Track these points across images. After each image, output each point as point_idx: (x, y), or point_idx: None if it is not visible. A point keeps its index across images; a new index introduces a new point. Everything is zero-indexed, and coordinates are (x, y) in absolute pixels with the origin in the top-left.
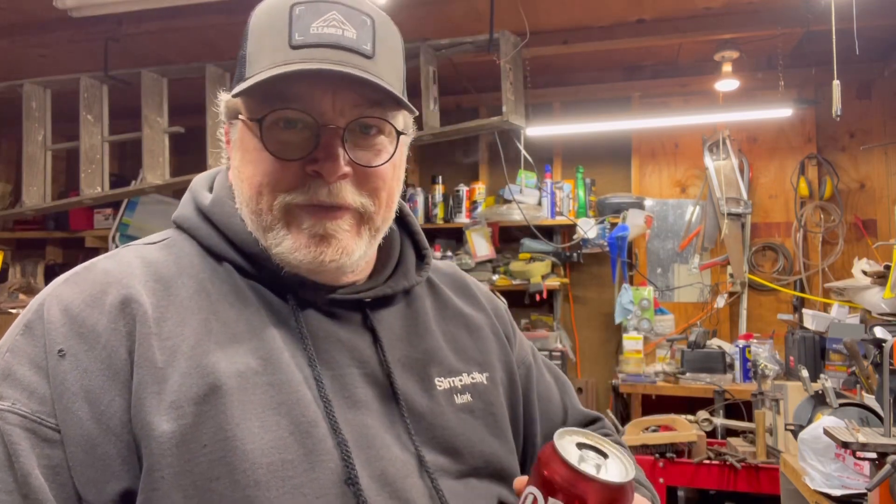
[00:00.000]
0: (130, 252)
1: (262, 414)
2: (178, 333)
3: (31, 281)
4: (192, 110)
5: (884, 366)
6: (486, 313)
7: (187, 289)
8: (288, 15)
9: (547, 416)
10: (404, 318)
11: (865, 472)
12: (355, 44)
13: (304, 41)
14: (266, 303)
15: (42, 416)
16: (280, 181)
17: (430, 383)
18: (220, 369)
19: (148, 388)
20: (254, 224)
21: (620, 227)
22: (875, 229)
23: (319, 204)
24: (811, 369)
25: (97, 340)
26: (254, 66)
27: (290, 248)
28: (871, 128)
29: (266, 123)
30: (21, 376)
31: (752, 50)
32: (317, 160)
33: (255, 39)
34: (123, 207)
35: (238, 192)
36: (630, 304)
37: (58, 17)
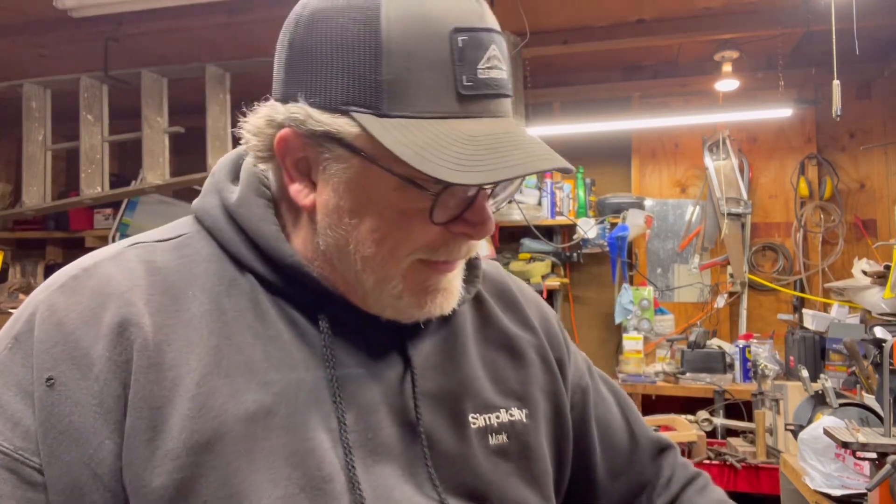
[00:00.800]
0: (137, 254)
1: (272, 465)
2: (182, 362)
3: (31, 281)
4: (192, 110)
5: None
6: (533, 332)
7: (199, 305)
8: (449, 45)
9: (609, 444)
10: (442, 341)
11: (865, 472)
12: (509, 87)
13: (473, 90)
14: (290, 323)
15: (25, 455)
16: (420, 241)
17: (462, 420)
18: (227, 411)
19: (141, 434)
20: (361, 275)
21: (620, 227)
22: (875, 229)
23: (453, 261)
24: (811, 369)
25: (90, 369)
26: (403, 102)
27: (407, 305)
28: (871, 128)
29: (443, 195)
30: (6, 403)
31: (752, 50)
32: (468, 222)
33: (401, 64)
34: (123, 207)
35: (334, 235)
36: (630, 304)
37: (58, 17)
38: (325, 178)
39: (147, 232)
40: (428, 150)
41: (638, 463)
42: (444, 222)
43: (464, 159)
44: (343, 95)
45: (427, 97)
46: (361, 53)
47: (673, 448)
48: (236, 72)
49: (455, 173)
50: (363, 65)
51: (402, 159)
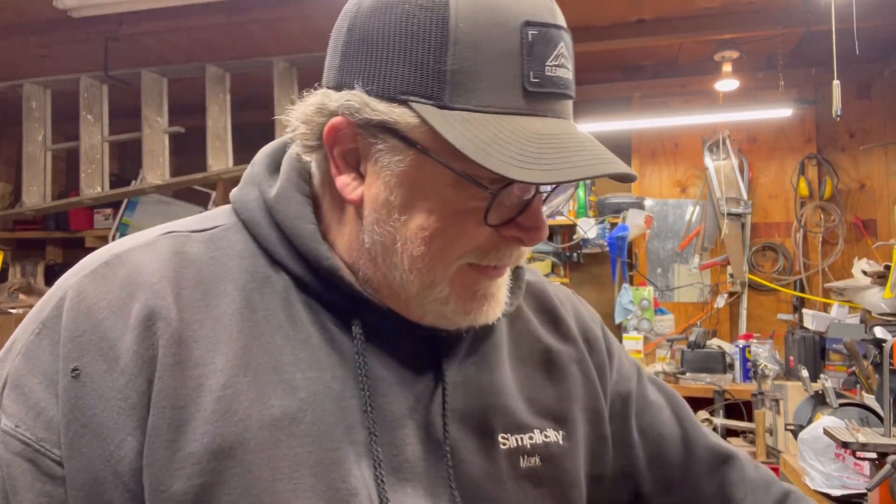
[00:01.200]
0: (171, 244)
1: (295, 474)
2: (208, 361)
3: (31, 281)
4: (192, 110)
5: (884, 366)
6: (574, 344)
7: (230, 302)
8: (519, 38)
9: (658, 455)
10: (476, 355)
11: (865, 472)
12: (572, 88)
13: (540, 87)
14: (321, 327)
15: (46, 447)
16: (471, 243)
17: (492, 440)
18: (251, 416)
19: (162, 434)
20: (407, 277)
21: (620, 227)
22: (875, 229)
23: (503, 266)
24: (811, 369)
25: (116, 362)
26: (466, 94)
27: (453, 311)
28: (871, 128)
29: (501, 195)
30: (30, 391)
31: (752, 50)
32: (521, 227)
33: (468, 55)
34: (123, 207)
35: (381, 232)
36: (630, 304)
37: (58, 17)
38: (375, 170)
39: (182, 220)
40: (491, 145)
41: (693, 475)
42: (497, 224)
43: (528, 157)
44: (403, 84)
45: (491, 91)
46: (426, 41)
47: (735, 458)
48: (236, 72)
49: (518, 170)
50: (427, 53)
51: (463, 153)
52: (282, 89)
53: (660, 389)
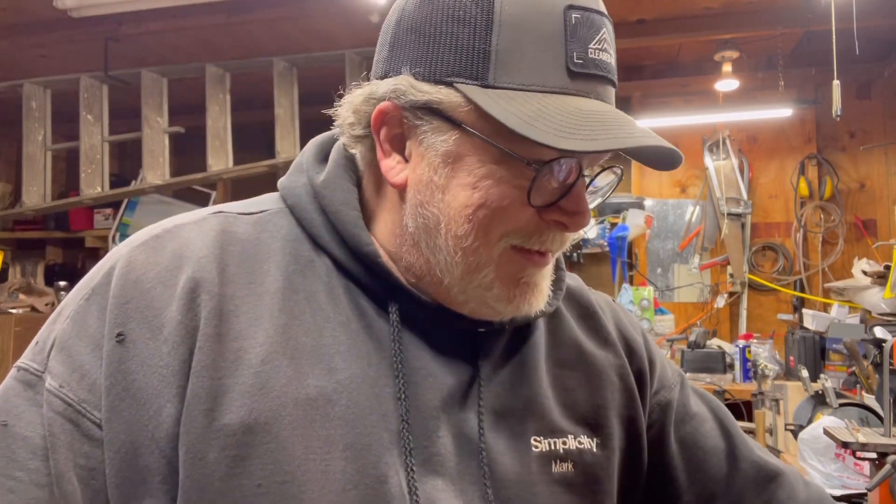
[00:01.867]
0: (219, 223)
1: (328, 454)
2: (248, 335)
3: (31, 281)
4: (192, 110)
5: (884, 366)
6: (613, 350)
7: (272, 281)
8: (562, 20)
9: (699, 467)
10: (512, 354)
11: (865, 472)
12: (614, 73)
13: (583, 67)
14: (360, 312)
15: (87, 408)
16: (513, 224)
17: (524, 443)
18: (287, 393)
19: (201, 403)
20: (451, 259)
21: (620, 227)
22: (875, 229)
23: (546, 252)
24: (811, 369)
25: (160, 330)
26: (509, 72)
27: (497, 297)
28: (871, 128)
29: (543, 172)
30: (76, 353)
31: (752, 50)
32: (564, 210)
33: (511, 36)
34: (123, 207)
35: (425, 213)
36: (630, 304)
37: (58, 17)
38: (420, 151)
39: (230, 203)
40: (535, 119)
41: (736, 490)
42: (540, 206)
43: (571, 128)
44: (448, 66)
45: (535, 70)
46: (472, 25)
47: (784, 476)
48: (236, 72)
49: (563, 140)
50: (472, 36)
51: (506, 132)
52: (282, 89)
53: (704, 401)
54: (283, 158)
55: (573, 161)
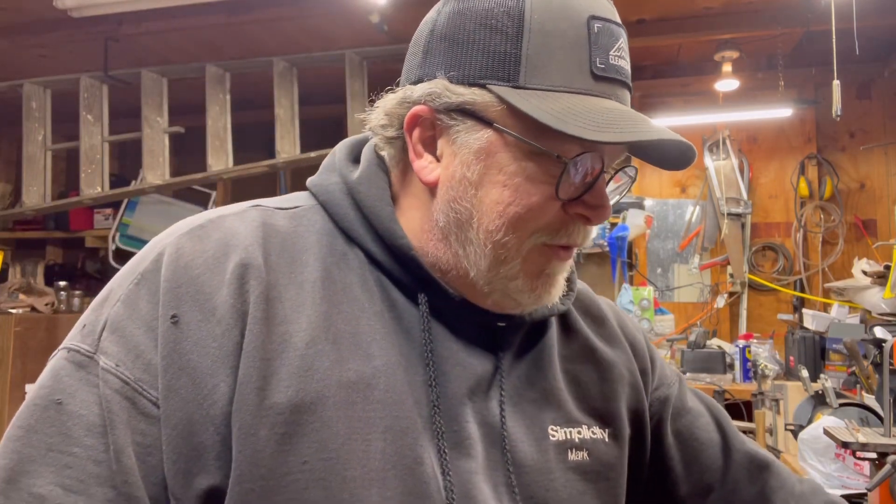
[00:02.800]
0: (259, 215)
1: (368, 436)
2: (293, 320)
3: (31, 281)
4: (192, 110)
5: (884, 366)
6: (621, 348)
7: (311, 271)
8: (586, 28)
9: (695, 458)
10: (529, 348)
11: (865, 472)
12: (630, 80)
13: (605, 72)
14: (391, 304)
15: (144, 387)
16: (541, 219)
17: (542, 431)
18: (330, 376)
19: (252, 382)
20: (481, 251)
21: (620, 227)
22: (875, 229)
23: (571, 246)
24: (811, 369)
25: (213, 313)
26: (538, 75)
27: (520, 288)
28: (871, 128)
29: (573, 164)
30: (131, 334)
31: (752, 50)
32: (587, 204)
33: (539, 41)
34: (123, 207)
35: (458, 209)
36: (630, 304)
37: (58, 17)
38: (453, 150)
39: (265, 199)
40: (565, 114)
41: (732, 480)
42: (566, 199)
43: (599, 123)
44: (482, 70)
45: (563, 73)
46: (504, 32)
47: (775, 465)
48: (236, 72)
49: (593, 132)
50: (504, 42)
51: (536, 128)
52: (282, 89)
53: (699, 398)
54: (283, 158)
55: (597, 156)
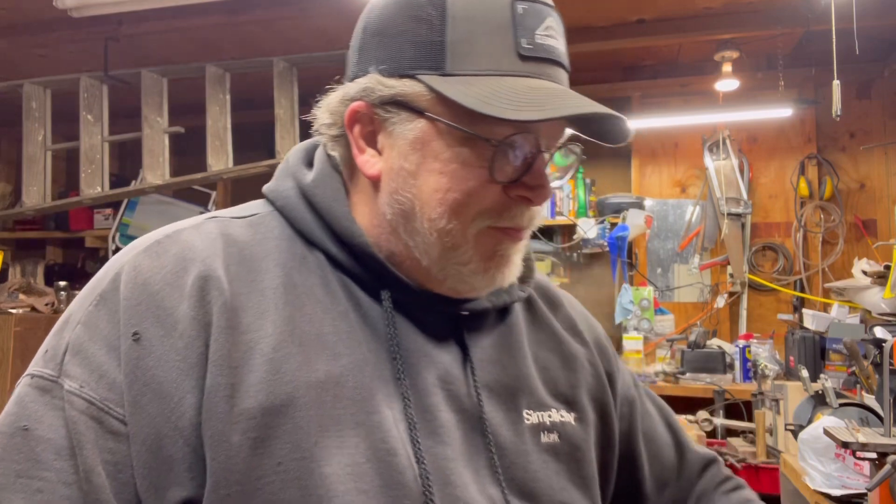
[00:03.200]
0: (216, 226)
1: (341, 433)
2: (257, 327)
3: (31, 281)
4: (192, 110)
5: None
6: (583, 342)
7: (272, 278)
8: (510, 10)
9: (656, 457)
10: (498, 336)
11: (865, 472)
12: (564, 57)
13: (532, 52)
14: (355, 302)
15: (110, 405)
16: (483, 203)
17: (517, 415)
18: (299, 377)
19: (221, 390)
20: (428, 240)
21: (620, 227)
22: (875, 229)
23: (519, 228)
24: (811, 369)
25: (174, 327)
26: (465, 61)
27: (474, 271)
28: (871, 128)
29: (503, 145)
30: (92, 355)
31: (752, 50)
32: (527, 185)
33: (463, 28)
34: (123, 207)
35: (400, 200)
36: (630, 304)
37: (58, 17)
38: (391, 142)
39: (220, 210)
40: (489, 97)
41: (686, 477)
42: (505, 182)
43: (523, 102)
44: (410, 61)
45: (488, 57)
46: (428, 21)
47: (718, 461)
48: (236, 72)
49: (514, 111)
50: (429, 31)
51: (465, 106)
52: (282, 89)
53: (651, 400)
54: (283, 158)
55: (530, 137)
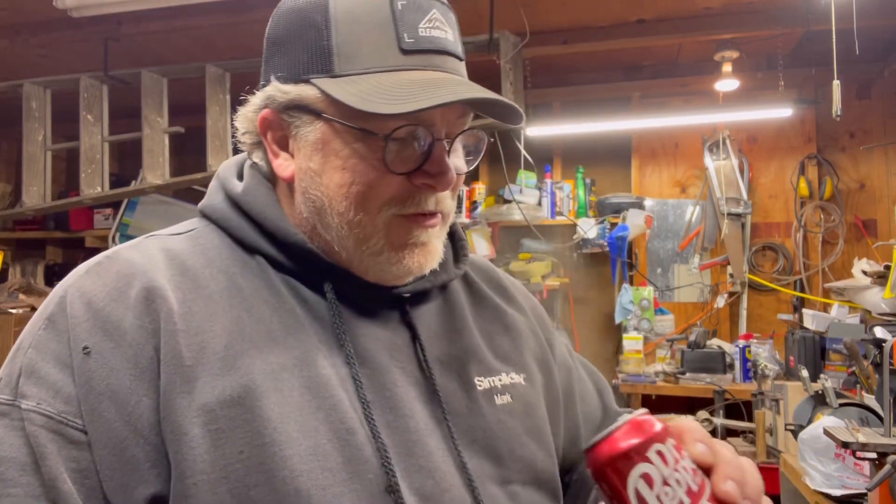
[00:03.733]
0: (154, 243)
1: (300, 418)
2: (207, 329)
3: (31, 281)
4: (192, 110)
5: (884, 366)
6: (523, 312)
7: (217, 283)
8: (389, 9)
9: (589, 419)
10: (442, 314)
11: (865, 472)
12: (454, 47)
13: (415, 45)
14: (301, 299)
15: (68, 417)
16: (386, 193)
17: (470, 383)
18: (254, 370)
19: (177, 388)
20: (341, 233)
21: (620, 227)
22: (875, 229)
23: (423, 213)
24: (811, 369)
25: (122, 338)
26: (351, 62)
27: (393, 259)
28: (871, 128)
29: (390, 138)
30: (46, 374)
31: (752, 50)
32: (429, 173)
33: (347, 30)
34: (123, 207)
35: (311, 198)
36: (630, 304)
37: (58, 17)
38: (298, 145)
39: (159, 230)
40: (370, 94)
41: None
42: (403, 172)
43: (401, 95)
44: (304, 67)
45: (373, 55)
46: (315, 27)
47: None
48: (236, 72)
49: (390, 105)
50: (317, 35)
51: (349, 105)
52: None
53: (582, 364)
54: None
55: (420, 128)
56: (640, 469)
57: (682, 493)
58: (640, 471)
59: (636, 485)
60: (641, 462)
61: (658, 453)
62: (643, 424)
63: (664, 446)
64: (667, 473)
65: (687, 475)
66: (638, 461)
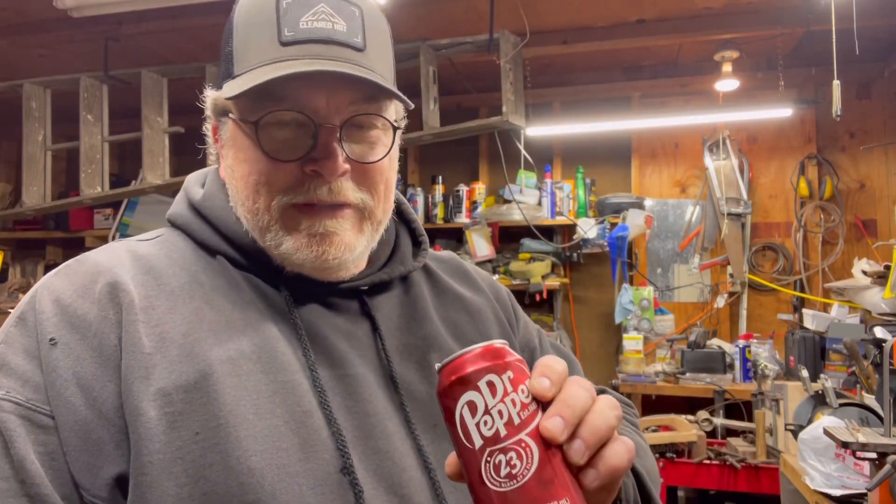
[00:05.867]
0: (122, 245)
1: (256, 401)
2: (167, 321)
3: (31, 281)
4: (192, 110)
5: (884, 366)
6: (485, 296)
7: (179, 279)
8: (274, 8)
9: None
10: (402, 306)
11: (865, 472)
12: (346, 37)
13: (293, 37)
14: (261, 294)
15: (36, 404)
16: (277, 182)
17: (430, 370)
18: (211, 356)
19: (135, 372)
20: (250, 223)
21: (620, 227)
22: (875, 229)
23: (320, 203)
24: (811, 369)
25: (88, 329)
26: (242, 63)
27: (291, 249)
28: (871, 128)
29: (261, 125)
30: (15, 365)
31: (752, 50)
32: (316, 160)
33: (241, 34)
34: (123, 207)
35: (232, 191)
36: (630, 304)
37: (58, 17)
38: (224, 146)
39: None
40: (241, 85)
41: None
42: (289, 160)
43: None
44: (222, 73)
45: (258, 53)
46: (227, 35)
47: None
48: None
49: (232, 91)
50: (226, 43)
51: (223, 97)
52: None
53: (554, 347)
54: None
55: (292, 113)
56: (467, 397)
57: (500, 424)
58: (467, 399)
59: (461, 411)
60: (471, 390)
61: (489, 384)
62: (486, 353)
63: (498, 378)
64: (491, 404)
65: (514, 408)
66: (466, 389)
